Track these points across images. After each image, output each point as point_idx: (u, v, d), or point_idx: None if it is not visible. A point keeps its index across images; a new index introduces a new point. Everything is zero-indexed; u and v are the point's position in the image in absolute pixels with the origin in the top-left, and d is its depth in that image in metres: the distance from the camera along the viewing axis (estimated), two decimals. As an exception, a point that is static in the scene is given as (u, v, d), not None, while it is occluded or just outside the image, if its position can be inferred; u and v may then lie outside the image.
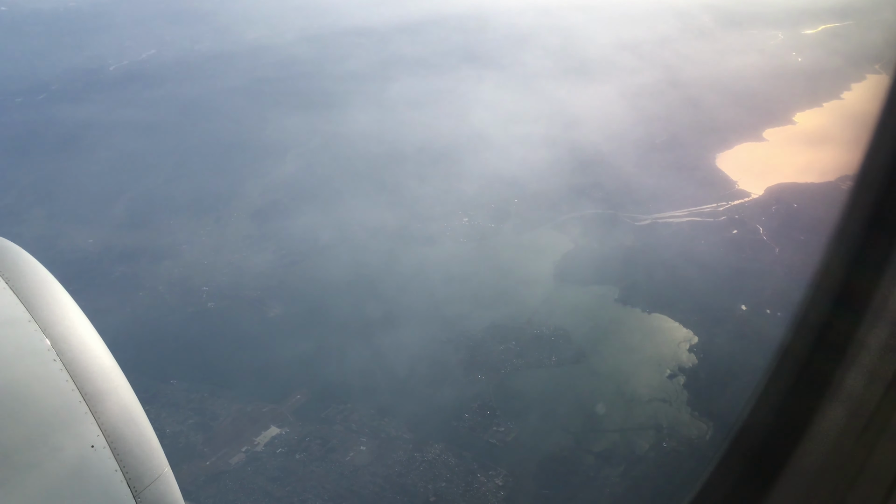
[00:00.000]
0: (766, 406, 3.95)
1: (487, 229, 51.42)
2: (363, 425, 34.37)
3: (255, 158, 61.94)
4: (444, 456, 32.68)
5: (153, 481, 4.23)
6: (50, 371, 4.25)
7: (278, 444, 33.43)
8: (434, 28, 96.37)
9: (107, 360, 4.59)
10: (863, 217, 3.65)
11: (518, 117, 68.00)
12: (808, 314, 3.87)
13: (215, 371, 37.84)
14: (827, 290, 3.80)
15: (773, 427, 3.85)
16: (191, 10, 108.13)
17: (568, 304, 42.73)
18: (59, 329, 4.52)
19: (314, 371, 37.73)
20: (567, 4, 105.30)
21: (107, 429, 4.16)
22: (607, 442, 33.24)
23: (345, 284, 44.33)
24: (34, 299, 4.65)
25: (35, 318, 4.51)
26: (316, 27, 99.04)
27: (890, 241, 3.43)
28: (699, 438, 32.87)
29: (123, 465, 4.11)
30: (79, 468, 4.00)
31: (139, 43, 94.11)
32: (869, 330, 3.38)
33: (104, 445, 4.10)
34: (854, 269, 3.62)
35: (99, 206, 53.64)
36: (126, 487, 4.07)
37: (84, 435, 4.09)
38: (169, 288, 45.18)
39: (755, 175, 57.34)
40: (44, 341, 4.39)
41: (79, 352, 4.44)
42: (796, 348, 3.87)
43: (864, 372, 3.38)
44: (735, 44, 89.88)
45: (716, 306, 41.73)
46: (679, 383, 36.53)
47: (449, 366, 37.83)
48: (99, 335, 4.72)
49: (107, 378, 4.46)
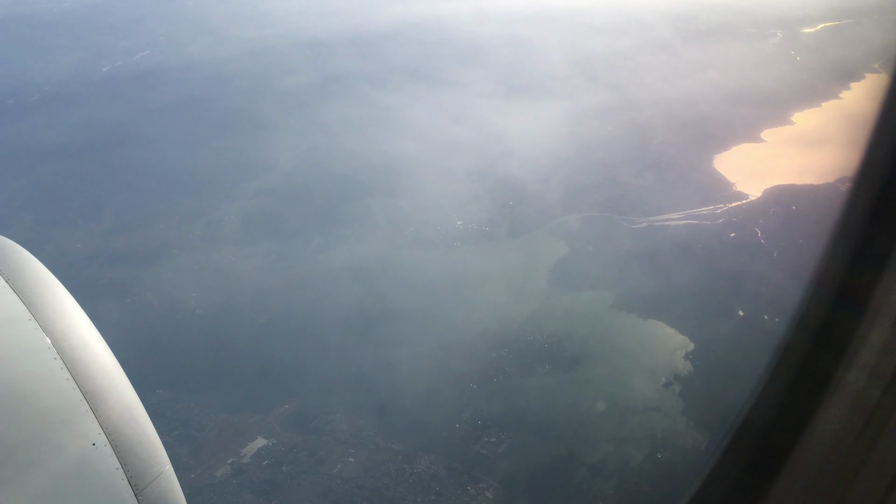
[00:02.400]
0: (767, 403, 3.92)
1: (481, 233, 50.66)
2: (352, 436, 33.70)
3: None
4: (433, 468, 32.01)
5: (154, 479, 4.23)
6: (50, 369, 4.26)
7: (265, 456, 32.76)
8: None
9: (107, 359, 4.60)
10: (863, 213, 3.62)
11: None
12: (808, 310, 3.84)
13: (202, 380, 37.14)
14: (828, 287, 3.77)
15: (774, 424, 3.82)
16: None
17: (562, 310, 42.01)
18: (60, 327, 4.52)
19: (303, 380, 37.04)
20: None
21: (108, 427, 4.16)
22: (601, 453, 32.53)
23: (334, 293, 43.58)
24: (34, 297, 4.64)
25: (35, 316, 4.51)
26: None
27: (891, 237, 3.40)
28: (694, 449, 32.15)
29: (125, 463, 4.11)
30: (80, 466, 4.01)
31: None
32: (870, 326, 3.35)
33: (105, 443, 4.11)
34: (855, 266, 3.60)
35: (88, 211, 52.87)
36: (127, 485, 4.07)
37: (85, 433, 4.09)
38: (157, 294, 44.48)
39: (753, 176, 56.59)
40: (44, 340, 4.39)
41: (79, 350, 4.45)
42: (797, 345, 3.85)
43: (865, 368, 3.35)
44: (729, 45, 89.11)
45: (712, 312, 41.06)
46: (674, 392, 35.86)
47: (440, 374, 37.11)
48: (99, 333, 4.73)
49: (108, 376, 4.47)
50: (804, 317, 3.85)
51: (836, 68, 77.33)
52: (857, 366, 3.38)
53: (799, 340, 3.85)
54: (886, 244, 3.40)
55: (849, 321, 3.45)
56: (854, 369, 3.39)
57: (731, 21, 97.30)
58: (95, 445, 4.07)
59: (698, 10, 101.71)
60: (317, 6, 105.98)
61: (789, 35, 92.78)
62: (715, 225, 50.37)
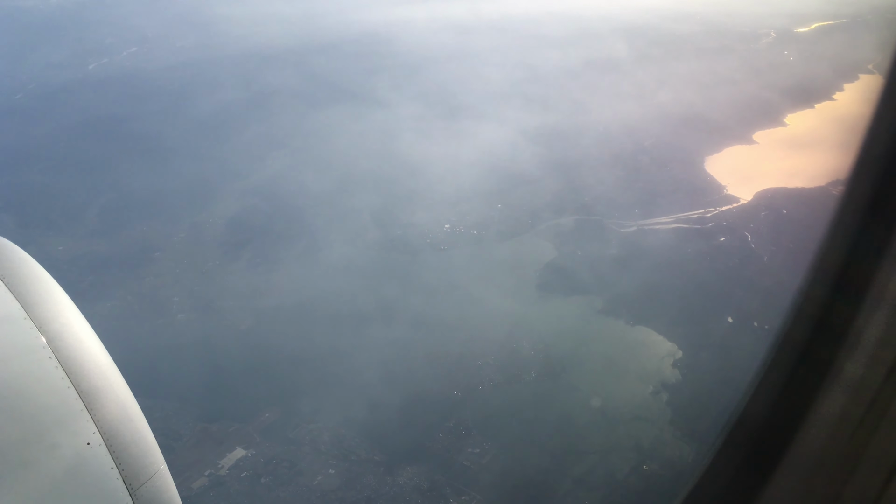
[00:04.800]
0: (766, 393, 3.89)
1: (469, 236, 49.99)
2: (333, 446, 33.05)
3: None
4: (416, 479, 31.41)
5: (149, 478, 4.21)
6: (45, 368, 4.26)
7: (243, 467, 32.08)
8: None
9: (103, 358, 4.62)
10: (861, 204, 3.61)
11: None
12: (806, 301, 3.81)
13: (181, 387, 36.38)
14: (826, 277, 3.74)
15: (773, 414, 3.81)
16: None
17: (549, 316, 41.45)
18: (55, 326, 4.54)
19: (284, 388, 36.34)
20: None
21: (103, 426, 4.16)
22: (586, 464, 32.00)
23: (318, 299, 42.90)
24: (30, 296, 4.67)
25: (31, 315, 4.51)
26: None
27: (888, 228, 3.39)
28: (681, 461, 31.63)
29: (120, 462, 4.10)
30: (75, 465, 4.00)
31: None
32: (868, 316, 3.36)
33: (100, 443, 4.10)
34: (853, 256, 3.58)
35: (71, 213, 51.95)
36: (122, 484, 4.06)
37: (80, 432, 4.09)
38: (138, 298, 43.71)
39: (744, 179, 56.12)
40: (39, 339, 4.39)
41: (75, 349, 4.46)
42: (795, 335, 3.82)
43: (863, 358, 3.35)
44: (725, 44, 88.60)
45: (702, 318, 40.58)
46: (662, 401, 35.36)
47: (425, 382, 36.50)
48: (95, 333, 4.71)
49: (103, 375, 4.47)
50: (803, 306, 3.82)
51: (830, 69, 76.92)
52: (856, 355, 3.37)
53: (798, 330, 3.82)
54: (884, 234, 3.38)
55: (847, 310, 3.43)
56: (853, 359, 3.38)
57: (728, 22, 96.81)
58: (90, 445, 4.07)
59: (695, 9, 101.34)
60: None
61: (783, 34, 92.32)
62: (705, 229, 49.85)
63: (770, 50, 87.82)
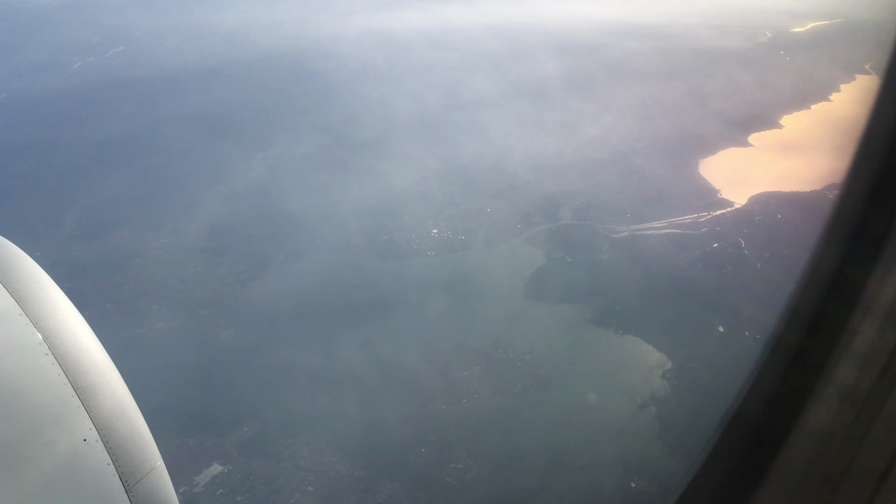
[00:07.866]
0: (759, 394, 3.88)
1: (457, 242, 49.03)
2: (312, 461, 32.12)
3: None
4: (396, 497, 30.51)
5: (146, 475, 4.23)
6: (42, 365, 4.22)
7: (219, 485, 31.15)
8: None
9: (99, 354, 4.58)
10: (855, 208, 3.60)
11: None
12: (800, 302, 3.81)
13: (157, 399, 35.34)
14: (820, 279, 3.73)
15: (766, 415, 3.80)
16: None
17: (538, 325, 40.53)
18: (51, 323, 4.48)
19: (264, 400, 35.38)
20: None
21: (99, 422, 4.15)
22: (572, 481, 31.11)
23: (300, 307, 41.92)
24: (25, 293, 4.60)
25: (26, 311, 4.46)
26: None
27: (882, 230, 3.39)
28: (668, 477, 30.78)
29: (116, 458, 4.09)
30: (71, 462, 3.99)
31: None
32: (861, 318, 3.37)
33: (97, 439, 4.09)
34: (847, 258, 3.58)
35: (48, 218, 50.86)
36: (119, 481, 4.04)
37: (77, 429, 4.07)
38: (117, 306, 42.69)
39: (739, 183, 55.23)
40: (35, 335, 4.35)
41: (71, 346, 4.41)
42: (789, 336, 3.82)
43: (856, 360, 3.36)
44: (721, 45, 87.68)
45: (692, 328, 39.70)
46: (650, 414, 34.47)
47: (408, 395, 35.59)
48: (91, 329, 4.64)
49: (99, 372, 4.44)
50: (796, 309, 3.82)
51: (826, 70, 76.03)
52: (849, 357, 3.39)
53: (791, 331, 3.81)
54: (878, 236, 3.39)
55: (841, 312, 3.45)
56: (846, 360, 3.40)
57: (725, 23, 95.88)
58: (87, 441, 4.07)
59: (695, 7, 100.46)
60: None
61: (778, 34, 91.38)
62: (698, 234, 48.94)
63: (765, 49, 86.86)
